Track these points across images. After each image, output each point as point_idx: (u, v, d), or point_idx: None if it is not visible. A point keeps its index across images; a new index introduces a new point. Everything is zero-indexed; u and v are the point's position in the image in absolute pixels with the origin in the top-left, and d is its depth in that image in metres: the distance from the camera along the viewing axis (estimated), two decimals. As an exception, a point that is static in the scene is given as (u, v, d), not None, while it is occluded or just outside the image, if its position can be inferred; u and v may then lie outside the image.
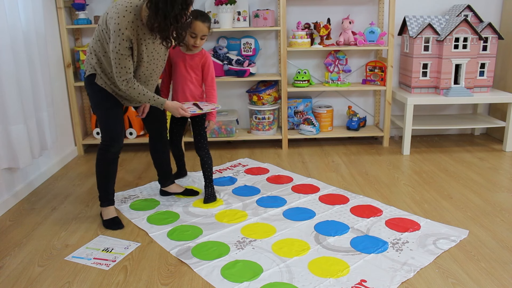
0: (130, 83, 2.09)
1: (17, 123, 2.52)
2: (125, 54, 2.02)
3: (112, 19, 1.99)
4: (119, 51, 2.01)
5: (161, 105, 2.23)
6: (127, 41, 2.00)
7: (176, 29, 2.01)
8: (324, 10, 3.59)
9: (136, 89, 2.11)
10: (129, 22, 1.98)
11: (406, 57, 3.52)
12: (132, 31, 2.00)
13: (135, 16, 1.99)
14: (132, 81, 2.10)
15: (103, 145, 2.27)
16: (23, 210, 2.55)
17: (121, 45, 1.99)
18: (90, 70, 2.19)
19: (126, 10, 1.98)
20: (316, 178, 2.92)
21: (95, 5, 3.52)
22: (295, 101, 3.67)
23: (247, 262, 1.92)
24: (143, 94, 2.14)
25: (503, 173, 2.97)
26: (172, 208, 2.50)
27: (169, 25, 1.96)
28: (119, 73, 2.06)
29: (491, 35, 3.35)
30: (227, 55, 3.46)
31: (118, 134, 2.27)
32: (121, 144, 2.29)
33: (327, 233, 2.17)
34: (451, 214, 2.38)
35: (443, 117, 3.72)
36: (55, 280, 1.85)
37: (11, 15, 2.50)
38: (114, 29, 1.98)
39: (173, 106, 2.26)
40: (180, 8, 1.92)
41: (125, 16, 1.97)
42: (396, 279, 1.78)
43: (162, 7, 1.89)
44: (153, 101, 2.19)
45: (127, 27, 1.98)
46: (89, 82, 2.21)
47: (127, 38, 1.99)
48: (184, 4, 1.93)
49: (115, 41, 1.99)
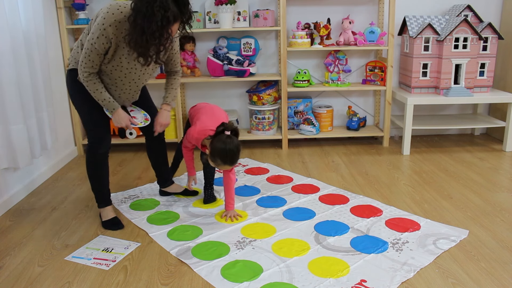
0: (89, 77, 2.03)
1: (17, 123, 2.52)
2: (98, 50, 1.97)
3: (102, 12, 1.96)
4: (94, 44, 1.96)
5: (112, 110, 2.12)
6: (106, 38, 1.94)
7: (155, 47, 1.92)
8: (324, 10, 3.59)
9: (94, 84, 2.05)
10: (116, 20, 1.92)
11: (406, 57, 3.52)
12: (115, 30, 1.94)
13: (125, 18, 1.93)
14: (93, 76, 2.04)
15: (90, 147, 2.23)
16: (23, 210, 2.55)
17: (98, 39, 1.94)
18: (74, 65, 2.14)
19: (118, 9, 1.93)
20: (316, 178, 2.92)
21: (95, 5, 3.52)
22: (295, 101, 3.67)
23: (247, 262, 1.92)
24: (100, 93, 2.07)
25: (503, 173, 2.97)
26: (172, 208, 2.50)
27: (146, 42, 1.87)
28: (85, 64, 2.01)
29: (491, 35, 3.35)
30: (227, 55, 3.46)
31: (105, 134, 2.23)
32: (108, 143, 2.25)
33: (327, 233, 2.17)
34: (451, 214, 2.38)
35: (443, 117, 3.72)
36: (55, 280, 1.85)
37: (11, 15, 2.50)
38: (98, 22, 1.94)
39: (121, 117, 2.14)
40: (159, 24, 1.80)
41: (114, 13, 1.92)
42: (396, 279, 1.78)
43: (140, 23, 1.81)
44: (106, 102, 2.09)
45: (111, 24, 1.92)
46: (71, 79, 2.16)
47: (107, 35, 1.93)
48: (164, 21, 1.81)
49: (94, 33, 1.95)
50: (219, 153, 2.12)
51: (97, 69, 2.05)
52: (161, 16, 1.80)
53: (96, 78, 2.06)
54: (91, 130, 2.22)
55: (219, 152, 2.12)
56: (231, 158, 2.14)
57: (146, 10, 1.78)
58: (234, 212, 2.34)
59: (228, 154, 2.12)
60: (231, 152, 2.12)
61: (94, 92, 2.07)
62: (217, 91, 3.77)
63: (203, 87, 3.75)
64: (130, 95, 2.25)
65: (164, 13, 1.80)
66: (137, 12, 1.81)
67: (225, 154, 2.11)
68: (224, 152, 2.11)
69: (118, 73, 2.10)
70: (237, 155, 2.16)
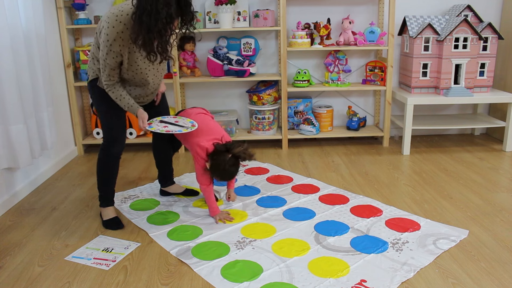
0: (109, 87, 2.11)
1: (17, 123, 2.52)
2: (111, 64, 2.03)
3: (103, 28, 1.99)
4: (106, 60, 2.02)
5: (133, 113, 2.19)
6: (115, 53, 1.99)
7: (161, 43, 1.96)
8: (324, 10, 3.59)
9: (114, 93, 2.12)
10: (118, 32, 1.95)
11: (406, 57, 3.52)
12: (121, 41, 1.97)
13: (126, 26, 1.96)
14: (113, 86, 2.11)
15: (104, 145, 2.28)
16: (23, 210, 2.55)
17: (108, 55, 2.00)
18: (92, 75, 2.21)
19: (116, 20, 1.95)
20: (316, 178, 2.92)
21: (95, 5, 3.52)
22: (295, 101, 3.67)
23: (247, 262, 1.92)
24: (120, 100, 2.14)
25: (503, 173, 2.97)
26: (172, 208, 2.50)
27: (153, 39, 1.91)
28: (104, 78, 2.09)
29: (491, 35, 3.35)
30: (227, 55, 3.46)
31: (120, 135, 2.28)
32: (123, 144, 2.30)
33: (327, 233, 2.17)
34: (451, 214, 2.38)
35: (443, 117, 3.72)
36: (55, 280, 1.85)
37: (11, 15, 2.50)
38: (104, 40, 1.98)
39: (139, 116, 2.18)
40: (164, 22, 1.85)
41: (114, 26, 1.95)
42: (396, 279, 1.78)
43: (146, 21, 1.83)
44: (127, 107, 2.16)
45: (116, 39, 1.96)
46: (91, 86, 2.24)
47: (114, 50, 1.98)
48: (169, 18, 1.85)
49: (103, 50, 2.00)
50: (218, 172, 2.25)
51: (115, 80, 2.11)
52: (165, 14, 1.83)
53: (116, 86, 2.12)
54: (108, 130, 2.26)
55: (218, 171, 2.24)
56: (229, 177, 2.32)
57: (151, 8, 1.81)
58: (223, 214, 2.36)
59: (226, 174, 2.27)
60: (230, 173, 2.27)
61: (116, 98, 2.14)
62: (217, 91, 3.77)
63: (203, 87, 3.75)
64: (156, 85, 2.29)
65: (168, 10, 1.83)
66: (142, 10, 1.83)
67: (224, 174, 2.26)
68: (223, 173, 2.24)
69: (140, 75, 2.15)
70: (235, 173, 2.31)
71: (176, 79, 3.42)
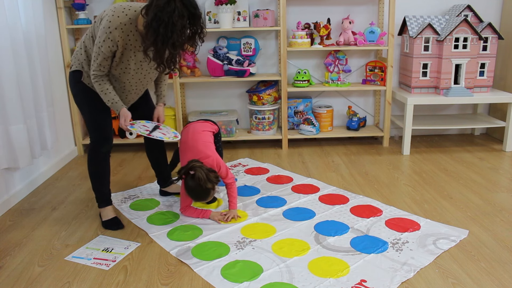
0: (97, 78, 2.08)
1: (17, 123, 2.52)
2: (105, 53, 2.00)
3: (107, 15, 1.97)
4: (101, 47, 1.99)
5: (116, 110, 2.15)
6: (112, 42, 1.96)
7: (173, 55, 1.96)
8: (324, 10, 3.59)
9: (101, 85, 2.08)
10: (121, 23, 1.95)
11: (406, 57, 3.52)
12: (121, 33, 1.96)
13: (130, 20, 1.96)
14: (101, 78, 2.08)
15: (93, 146, 2.25)
16: (23, 210, 2.55)
17: (105, 42, 1.97)
18: (77, 66, 2.17)
19: (123, 12, 1.95)
20: (316, 178, 2.92)
21: (95, 5, 3.52)
22: (295, 101, 3.67)
23: (247, 262, 1.92)
24: (105, 93, 2.10)
25: (503, 173, 2.97)
26: (172, 208, 2.50)
27: (165, 51, 1.91)
28: (94, 67, 2.05)
29: (491, 35, 3.35)
30: (227, 55, 3.46)
31: (107, 133, 2.25)
32: (111, 143, 2.27)
33: (327, 233, 2.17)
34: (451, 214, 2.38)
35: (443, 117, 3.72)
36: (55, 280, 1.85)
37: (11, 15, 2.50)
38: (104, 26, 1.96)
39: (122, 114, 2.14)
40: (179, 33, 1.85)
41: (119, 16, 1.94)
42: (396, 279, 1.78)
43: (162, 32, 1.82)
44: (111, 103, 2.12)
45: (117, 27, 1.94)
46: (74, 80, 2.19)
47: (113, 38, 1.95)
48: (183, 29, 1.86)
49: (101, 37, 1.97)
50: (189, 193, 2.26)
51: (105, 71, 2.08)
52: (180, 26, 1.84)
53: (103, 79, 2.09)
54: (94, 129, 2.24)
55: (189, 192, 2.25)
56: (196, 197, 2.28)
57: (168, 20, 1.80)
58: (234, 212, 2.34)
59: (193, 194, 2.25)
60: (195, 194, 2.24)
61: (101, 91, 2.11)
62: (217, 91, 3.77)
63: (203, 87, 3.75)
64: (136, 94, 2.28)
65: (183, 22, 1.84)
66: (160, 21, 1.81)
67: (192, 194, 2.25)
68: (190, 193, 2.25)
69: (126, 75, 2.14)
70: (202, 193, 2.23)
71: (176, 79, 3.42)
